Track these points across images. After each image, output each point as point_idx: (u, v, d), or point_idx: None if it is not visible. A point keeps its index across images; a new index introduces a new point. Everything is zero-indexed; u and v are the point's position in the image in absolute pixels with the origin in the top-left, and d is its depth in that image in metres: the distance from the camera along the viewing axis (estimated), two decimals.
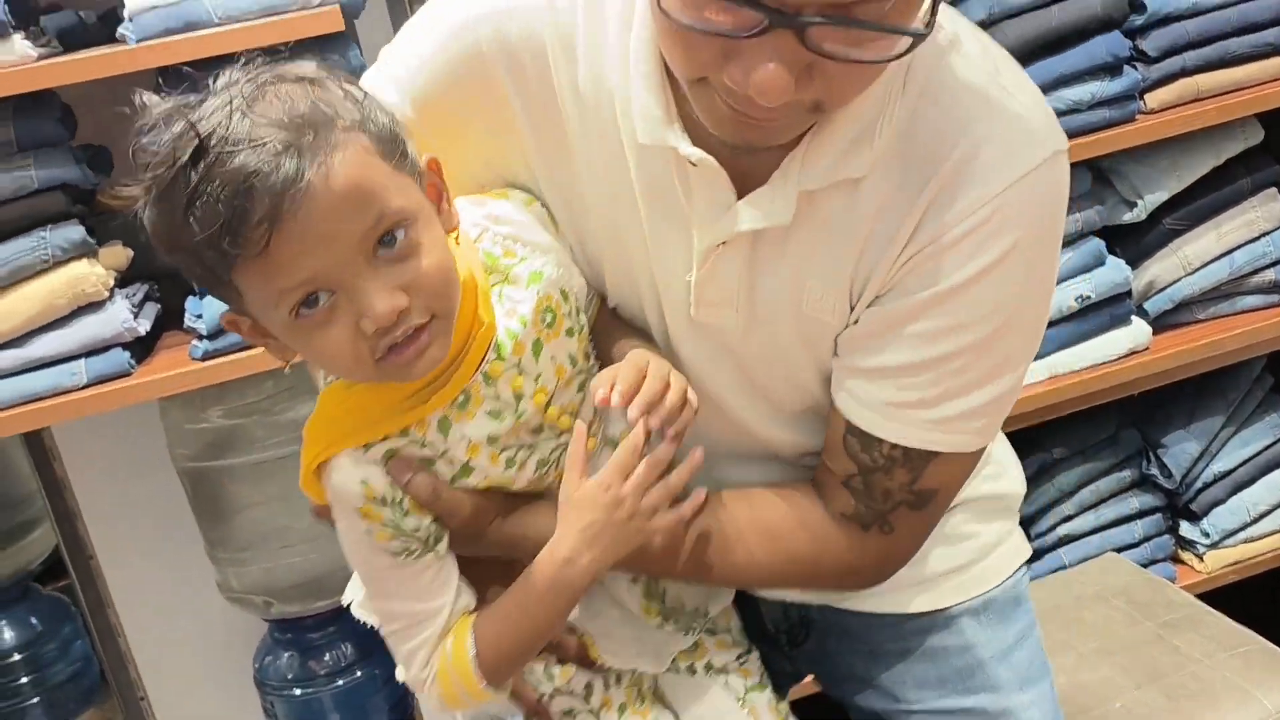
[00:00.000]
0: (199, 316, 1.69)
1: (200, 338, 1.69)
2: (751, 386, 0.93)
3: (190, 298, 1.73)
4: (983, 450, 0.90)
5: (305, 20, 1.55)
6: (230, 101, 0.71)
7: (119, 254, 1.73)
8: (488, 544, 0.88)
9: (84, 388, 1.64)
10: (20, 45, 1.55)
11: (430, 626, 0.86)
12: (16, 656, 2.30)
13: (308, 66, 0.77)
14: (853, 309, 0.86)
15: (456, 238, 0.82)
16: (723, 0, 0.67)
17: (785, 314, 0.87)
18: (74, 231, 1.62)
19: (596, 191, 0.88)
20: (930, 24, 0.69)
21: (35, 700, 2.30)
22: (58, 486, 2.13)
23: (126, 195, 0.74)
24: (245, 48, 0.78)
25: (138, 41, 1.54)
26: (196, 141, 0.69)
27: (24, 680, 2.27)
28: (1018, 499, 1.10)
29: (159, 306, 1.80)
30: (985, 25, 1.68)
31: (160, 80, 1.52)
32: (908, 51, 0.69)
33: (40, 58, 1.58)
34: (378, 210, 0.73)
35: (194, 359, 1.69)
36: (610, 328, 0.93)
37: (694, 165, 0.82)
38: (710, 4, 0.68)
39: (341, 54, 1.62)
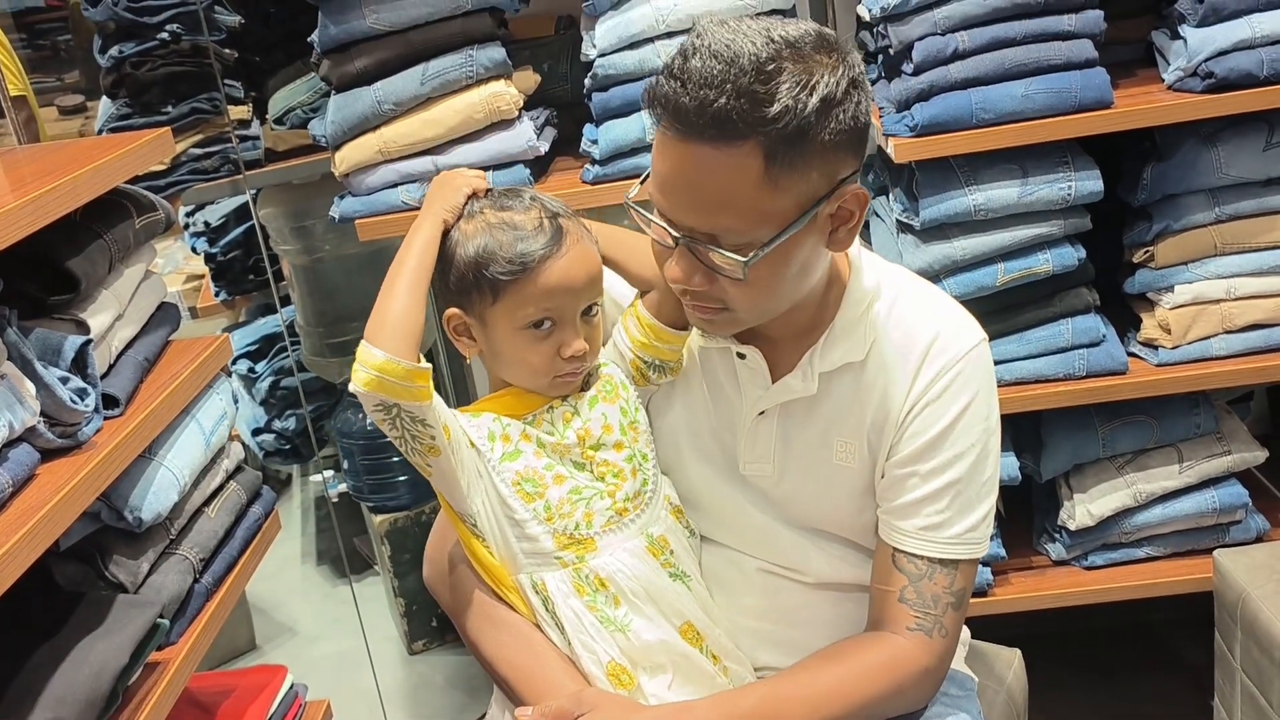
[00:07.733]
0: (594, 142, 1.81)
1: (594, 162, 1.81)
2: (776, 519, 1.25)
3: (588, 125, 1.85)
4: (980, 558, 1.22)
5: None
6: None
7: (529, 78, 1.88)
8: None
9: None
10: None
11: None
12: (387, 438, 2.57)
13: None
14: (873, 458, 1.20)
15: None
16: (658, 228, 1.10)
17: (815, 465, 1.22)
18: (496, 52, 1.77)
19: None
20: (752, 258, 1.05)
21: (403, 478, 2.61)
22: None
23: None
24: None
25: None
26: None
27: (395, 459, 2.56)
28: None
29: (555, 131, 1.94)
30: None
31: None
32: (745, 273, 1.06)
33: None
34: (596, 291, 1.17)
35: (584, 182, 1.83)
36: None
37: (743, 357, 1.20)
38: (656, 231, 1.11)
39: None
